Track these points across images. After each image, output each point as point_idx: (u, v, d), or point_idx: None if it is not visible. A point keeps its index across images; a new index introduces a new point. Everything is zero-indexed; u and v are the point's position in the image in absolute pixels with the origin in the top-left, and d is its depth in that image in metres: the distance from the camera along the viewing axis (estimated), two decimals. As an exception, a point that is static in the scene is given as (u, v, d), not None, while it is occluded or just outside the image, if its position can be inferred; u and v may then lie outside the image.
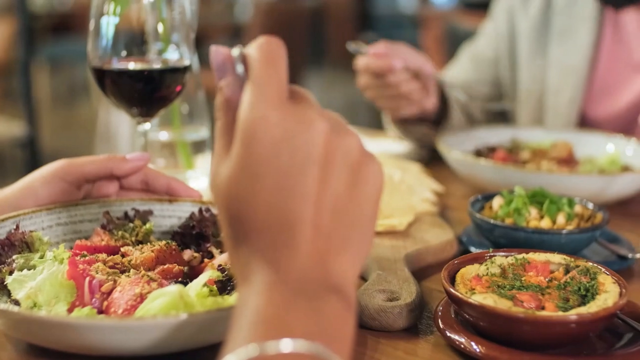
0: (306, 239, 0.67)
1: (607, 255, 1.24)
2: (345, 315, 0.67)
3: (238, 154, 0.67)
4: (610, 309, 0.89)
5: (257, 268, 0.67)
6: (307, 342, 0.61)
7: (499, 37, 2.16)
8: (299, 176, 0.67)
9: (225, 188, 0.68)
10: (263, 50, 0.71)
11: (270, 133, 0.67)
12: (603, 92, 1.99)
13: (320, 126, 0.68)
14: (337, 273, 0.68)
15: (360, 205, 0.70)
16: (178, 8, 1.29)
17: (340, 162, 0.69)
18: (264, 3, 7.19)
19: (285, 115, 0.68)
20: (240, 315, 0.65)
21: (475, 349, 0.90)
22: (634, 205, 1.60)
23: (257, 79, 0.69)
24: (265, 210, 0.66)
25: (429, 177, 1.57)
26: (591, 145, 1.78)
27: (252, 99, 0.68)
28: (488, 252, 1.06)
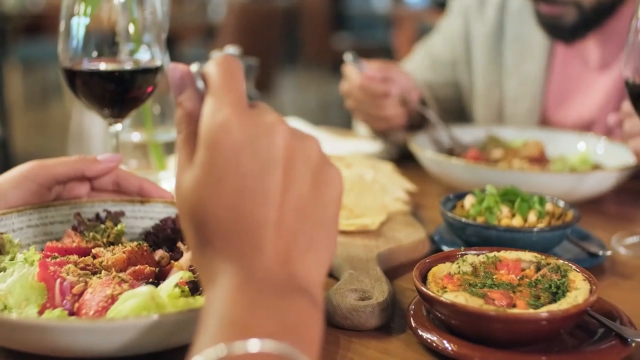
0: (270, 241, 0.68)
1: (578, 253, 1.25)
2: (312, 315, 0.68)
3: (201, 160, 0.69)
4: (580, 306, 0.89)
5: (223, 270, 0.67)
6: (274, 342, 0.61)
7: (454, 39, 2.18)
8: (262, 179, 0.68)
9: (189, 194, 0.69)
10: (221, 66, 0.73)
11: (233, 138, 0.68)
12: (561, 99, 2.01)
13: (280, 130, 0.70)
14: (303, 273, 0.69)
15: (323, 207, 0.72)
16: (149, 8, 1.28)
17: (301, 165, 0.70)
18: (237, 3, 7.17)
19: (246, 120, 0.69)
20: (208, 316, 0.65)
21: (447, 347, 0.90)
22: (604, 203, 1.62)
23: (217, 89, 0.71)
24: (229, 213, 0.67)
25: (401, 177, 1.57)
26: (562, 144, 1.80)
27: (213, 106, 0.70)
28: (460, 251, 1.06)
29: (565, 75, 2.00)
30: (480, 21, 2.12)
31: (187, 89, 0.74)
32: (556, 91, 2.01)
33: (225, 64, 0.73)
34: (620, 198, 1.68)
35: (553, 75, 2.02)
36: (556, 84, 2.01)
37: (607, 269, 1.25)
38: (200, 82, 0.74)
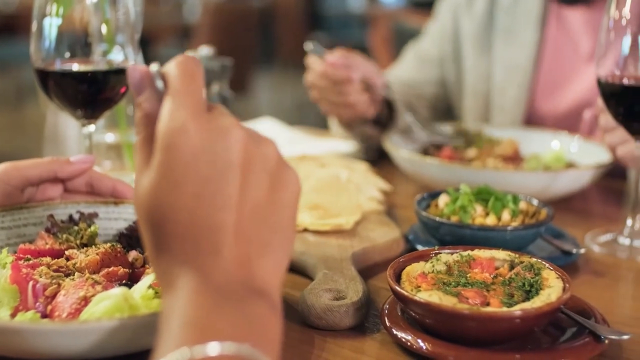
0: (229, 244, 0.68)
1: (552, 251, 1.26)
2: (271, 318, 0.68)
3: (159, 163, 0.68)
4: (553, 303, 0.90)
5: (181, 274, 0.67)
6: (235, 344, 0.61)
7: (443, 37, 2.18)
8: (219, 183, 0.68)
9: (147, 197, 0.69)
10: (181, 67, 0.73)
11: (190, 141, 0.68)
12: (549, 88, 2.02)
13: (238, 134, 0.70)
14: (261, 276, 0.69)
15: (280, 210, 0.72)
16: (122, 9, 1.28)
17: (259, 169, 0.70)
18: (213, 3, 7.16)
19: (204, 124, 0.69)
20: (168, 320, 0.65)
21: (422, 346, 0.90)
22: (578, 201, 1.62)
23: (176, 91, 0.71)
24: (187, 217, 0.67)
25: (376, 176, 1.57)
26: (537, 143, 1.80)
27: (171, 109, 0.69)
28: (434, 250, 1.07)
29: (555, 65, 2.02)
30: (469, 17, 2.13)
31: (146, 89, 0.73)
32: (545, 81, 2.03)
33: (185, 65, 0.73)
34: (594, 196, 1.70)
35: (542, 65, 2.03)
36: (545, 74, 2.03)
37: (581, 267, 1.25)
38: (160, 82, 0.73)
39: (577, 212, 1.57)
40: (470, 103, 2.13)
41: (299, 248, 1.19)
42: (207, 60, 1.65)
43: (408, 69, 2.21)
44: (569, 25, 2.00)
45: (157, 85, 0.73)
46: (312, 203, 1.33)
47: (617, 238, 1.36)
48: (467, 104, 2.14)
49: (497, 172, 1.52)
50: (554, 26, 2.02)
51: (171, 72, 0.72)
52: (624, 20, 1.27)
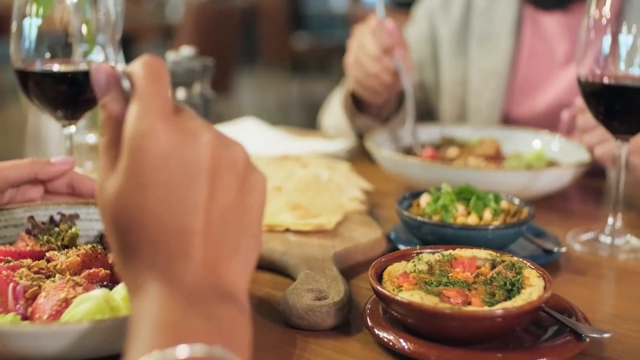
0: (197, 249, 0.67)
1: (534, 250, 1.26)
2: (241, 320, 0.68)
3: (126, 167, 0.67)
4: (535, 302, 0.90)
5: (150, 279, 0.67)
6: (205, 346, 0.61)
7: (421, 41, 2.19)
8: (187, 187, 0.67)
9: (113, 201, 0.68)
10: (147, 67, 0.71)
11: (158, 145, 0.67)
12: (525, 92, 2.03)
13: (206, 137, 0.69)
14: (229, 279, 0.69)
15: (248, 212, 0.72)
16: (102, 9, 1.27)
17: (227, 172, 0.70)
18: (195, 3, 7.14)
19: (172, 127, 0.68)
20: (138, 324, 0.64)
21: (404, 346, 0.90)
22: (559, 200, 1.63)
23: (143, 93, 0.69)
24: (155, 222, 0.67)
25: (357, 176, 1.57)
26: (518, 142, 1.81)
27: (138, 112, 0.68)
28: (415, 249, 1.07)
29: (531, 70, 2.03)
30: (446, 21, 2.13)
31: (111, 90, 0.72)
32: (521, 86, 2.03)
33: (151, 65, 0.72)
34: (575, 195, 1.70)
35: (518, 70, 2.04)
36: (521, 79, 2.03)
37: (563, 266, 1.26)
38: (126, 82, 0.72)
39: (559, 211, 1.57)
40: (447, 106, 2.14)
41: (281, 248, 1.19)
42: (189, 61, 1.65)
43: None
44: (544, 30, 2.00)
45: (123, 85, 0.72)
46: (293, 203, 1.33)
47: (598, 236, 1.37)
48: (444, 107, 2.15)
49: (479, 171, 1.52)
50: (530, 31, 2.03)
51: (137, 72, 0.71)
52: (604, 20, 1.28)
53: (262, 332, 0.97)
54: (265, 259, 1.18)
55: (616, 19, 1.27)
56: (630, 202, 1.58)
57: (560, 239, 1.32)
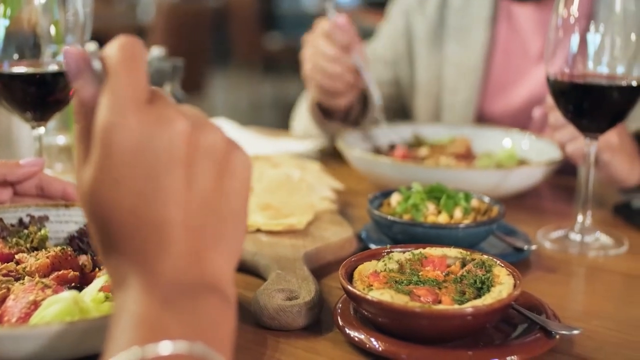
0: (177, 240, 0.65)
1: (504, 248, 1.27)
2: (225, 312, 0.66)
3: (98, 160, 0.65)
4: (504, 300, 0.90)
5: (130, 273, 0.65)
6: (187, 343, 0.60)
7: (396, 38, 2.19)
8: (163, 178, 0.65)
9: (88, 194, 0.66)
10: (122, 50, 0.68)
11: (130, 137, 0.65)
12: (500, 89, 2.03)
13: (180, 126, 0.66)
14: (213, 271, 0.67)
15: (230, 198, 0.69)
16: (71, 10, 1.26)
17: (204, 158, 0.67)
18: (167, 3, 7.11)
19: (144, 117, 0.66)
20: (119, 320, 0.63)
21: (375, 345, 0.90)
22: (530, 198, 1.64)
23: (115, 81, 0.67)
24: (130, 216, 0.65)
25: (329, 176, 1.57)
26: (489, 141, 1.82)
27: (110, 101, 0.66)
28: (386, 249, 1.07)
29: (506, 65, 2.03)
30: (421, 18, 2.14)
31: (83, 74, 0.69)
32: (496, 81, 2.04)
33: (126, 48, 0.68)
34: (545, 193, 1.71)
35: (493, 66, 2.04)
36: (496, 75, 2.04)
37: (533, 263, 1.27)
38: (99, 64, 0.68)
39: (529, 209, 1.58)
40: (421, 102, 2.14)
41: (252, 249, 1.19)
42: (159, 61, 1.65)
43: None
44: (518, 24, 2.01)
45: (95, 68, 0.69)
46: (264, 203, 1.33)
47: (568, 234, 1.38)
48: (418, 104, 2.15)
49: (450, 170, 1.53)
50: (504, 26, 2.04)
51: (111, 55, 0.68)
52: (572, 19, 1.29)
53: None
54: (236, 259, 1.18)
55: (584, 18, 1.28)
56: (600, 199, 1.58)
57: (531, 237, 1.33)
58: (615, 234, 1.39)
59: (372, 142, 1.82)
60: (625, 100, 1.30)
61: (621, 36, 1.28)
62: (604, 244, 1.35)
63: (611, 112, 1.32)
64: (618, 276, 1.24)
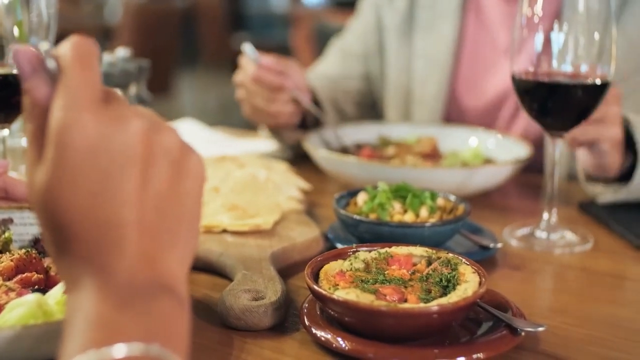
0: (131, 241, 0.65)
1: (470, 246, 1.27)
2: (179, 313, 0.66)
3: (52, 161, 0.64)
4: (469, 298, 0.91)
5: (85, 274, 0.65)
6: (142, 344, 0.59)
7: (367, 32, 2.19)
8: (118, 179, 0.64)
9: (41, 195, 0.65)
10: (75, 50, 0.67)
11: (85, 138, 0.64)
12: (469, 82, 2.04)
13: (136, 126, 0.66)
14: (166, 271, 0.67)
15: (184, 200, 0.69)
16: (35, 10, 1.26)
17: (160, 160, 0.67)
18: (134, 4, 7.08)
19: (100, 117, 0.65)
20: (72, 322, 0.63)
21: (341, 344, 0.90)
22: (496, 196, 1.65)
23: (69, 80, 0.66)
24: (85, 216, 0.64)
25: (295, 176, 1.57)
26: (455, 140, 1.83)
27: (64, 102, 0.65)
28: (352, 248, 1.07)
29: (475, 59, 2.04)
30: (391, 12, 2.14)
31: (35, 74, 0.68)
32: (465, 75, 2.04)
33: (79, 47, 0.67)
34: (512, 191, 1.72)
35: (462, 59, 2.05)
36: (465, 68, 2.04)
37: (499, 261, 1.27)
38: (52, 62, 0.67)
39: (496, 207, 1.59)
40: (392, 96, 2.14)
41: (218, 249, 1.19)
42: (124, 62, 1.64)
43: (332, 64, 2.21)
44: (487, 18, 2.02)
45: (49, 67, 0.68)
46: (230, 204, 1.32)
47: (534, 232, 1.38)
48: (389, 97, 2.15)
49: (416, 169, 1.53)
50: (473, 18, 2.04)
51: (64, 55, 0.67)
52: (536, 18, 1.29)
53: (199, 334, 0.97)
54: (202, 260, 1.18)
55: (549, 17, 1.29)
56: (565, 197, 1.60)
57: (497, 235, 1.33)
58: (581, 231, 1.41)
59: (339, 142, 1.82)
60: (589, 99, 1.31)
61: (585, 35, 1.28)
62: (569, 241, 1.36)
63: (576, 111, 1.33)
64: (583, 273, 1.25)
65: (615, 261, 1.30)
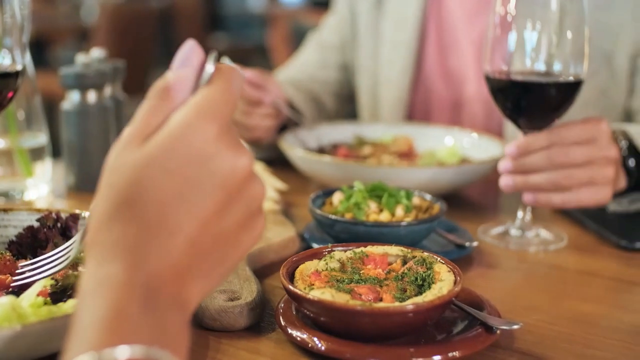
0: (176, 252, 0.66)
1: (446, 245, 1.28)
2: (186, 333, 0.67)
3: (163, 144, 0.67)
4: (445, 297, 0.91)
5: (117, 260, 0.65)
6: (144, 347, 0.59)
7: (342, 23, 2.21)
8: (203, 195, 0.67)
9: (131, 167, 0.67)
10: (232, 74, 0.72)
11: (202, 144, 0.67)
12: (435, 63, 2.05)
13: (244, 161, 0.69)
14: (188, 294, 0.68)
15: (237, 247, 0.71)
16: (8, 12, 1.25)
17: (243, 202, 0.70)
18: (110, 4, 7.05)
19: (222, 136, 0.68)
20: (82, 312, 0.62)
21: (317, 344, 0.91)
22: (471, 195, 1.65)
23: (214, 92, 0.70)
24: (157, 207, 0.65)
25: (272, 176, 1.57)
26: (431, 139, 1.83)
27: (200, 107, 0.68)
28: (327, 248, 1.07)
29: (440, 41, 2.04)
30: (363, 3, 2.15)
31: (186, 65, 0.72)
32: (432, 56, 2.05)
33: (236, 74, 0.73)
34: (486, 189, 1.72)
35: (428, 41, 2.05)
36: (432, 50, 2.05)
37: (474, 260, 1.28)
38: (210, 67, 0.72)
39: (471, 206, 1.60)
40: (363, 81, 2.15)
41: (194, 250, 1.18)
42: (99, 63, 1.63)
43: (311, 56, 2.22)
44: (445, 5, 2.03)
45: (205, 70, 0.72)
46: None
47: (508, 230, 1.39)
48: (360, 83, 2.17)
49: (392, 168, 1.53)
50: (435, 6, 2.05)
51: (223, 70, 0.72)
52: (509, 17, 1.30)
53: (175, 335, 0.97)
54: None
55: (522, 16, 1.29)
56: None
57: (472, 234, 1.34)
58: (555, 229, 1.42)
59: (315, 142, 1.82)
60: (563, 97, 1.32)
61: (557, 34, 1.29)
62: (544, 239, 1.37)
63: (549, 109, 1.33)
64: (558, 271, 1.26)
65: (589, 259, 1.31)
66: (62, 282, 0.94)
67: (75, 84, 1.58)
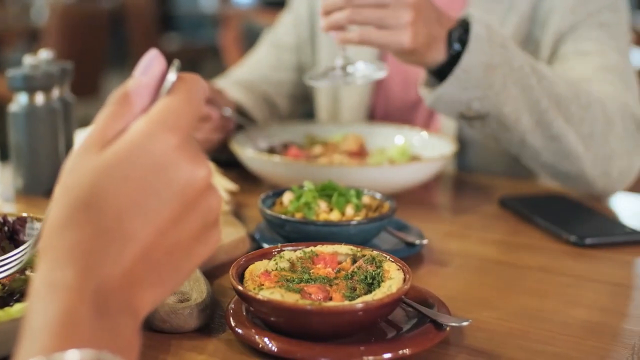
0: (128, 258, 0.65)
1: (396, 243, 1.28)
2: (137, 339, 0.66)
3: (124, 150, 0.66)
4: (394, 295, 0.91)
5: (69, 265, 0.64)
6: (94, 351, 0.59)
7: (298, 23, 2.20)
8: (159, 203, 0.66)
9: (89, 174, 0.66)
10: (195, 84, 0.72)
11: (161, 153, 0.66)
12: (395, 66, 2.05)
13: (203, 173, 0.69)
14: (140, 302, 0.67)
15: (191, 259, 0.70)
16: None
17: (198, 214, 0.69)
18: (61, 5, 6.98)
19: (181, 146, 0.67)
20: (32, 316, 0.62)
21: (268, 344, 0.90)
22: (422, 193, 1.66)
23: (174, 102, 0.69)
24: (113, 213, 0.65)
25: (222, 176, 1.57)
26: (381, 137, 1.84)
27: (160, 116, 0.68)
28: (277, 248, 1.07)
29: None
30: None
31: (147, 73, 0.71)
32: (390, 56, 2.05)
33: (198, 84, 0.72)
34: (437, 187, 1.74)
35: None
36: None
37: (425, 257, 1.28)
38: (172, 76, 0.71)
39: (421, 205, 1.60)
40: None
41: (144, 252, 1.18)
42: (47, 64, 1.62)
43: (265, 56, 2.21)
44: None
45: (167, 79, 0.71)
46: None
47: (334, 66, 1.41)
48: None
49: (342, 168, 1.54)
50: None
51: (185, 80, 0.71)
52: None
53: (124, 338, 0.96)
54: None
55: None
56: (487, 193, 1.62)
57: (423, 232, 1.34)
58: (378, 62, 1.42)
59: (266, 142, 1.82)
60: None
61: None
62: (363, 74, 1.39)
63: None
64: (508, 267, 1.27)
65: (538, 255, 1.32)
66: (10, 285, 0.93)
67: (23, 86, 1.56)
